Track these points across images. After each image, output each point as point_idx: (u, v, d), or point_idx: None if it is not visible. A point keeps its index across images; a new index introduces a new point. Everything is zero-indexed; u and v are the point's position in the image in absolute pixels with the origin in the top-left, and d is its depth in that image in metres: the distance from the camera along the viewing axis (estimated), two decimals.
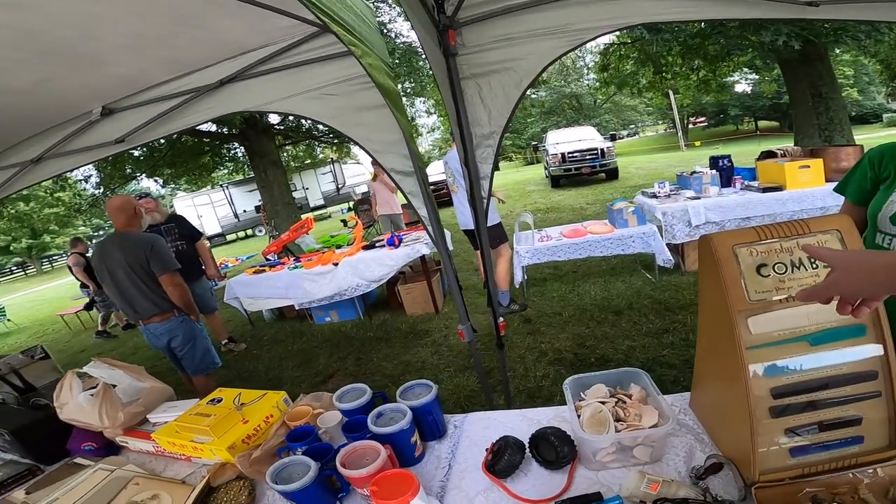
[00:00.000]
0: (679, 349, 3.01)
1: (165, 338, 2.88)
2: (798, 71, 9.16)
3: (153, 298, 2.78)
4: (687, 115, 33.51)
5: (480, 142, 1.66)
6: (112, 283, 2.77)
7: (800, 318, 0.90)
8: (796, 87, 9.43)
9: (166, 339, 2.88)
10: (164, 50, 1.61)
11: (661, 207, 4.31)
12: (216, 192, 20.16)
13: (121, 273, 2.71)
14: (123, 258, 2.69)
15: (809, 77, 9.03)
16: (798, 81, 9.27)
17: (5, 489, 1.40)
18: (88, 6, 1.31)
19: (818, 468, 0.83)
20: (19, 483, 1.42)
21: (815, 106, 9.06)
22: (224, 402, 1.41)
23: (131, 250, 2.69)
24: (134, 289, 2.74)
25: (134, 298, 2.77)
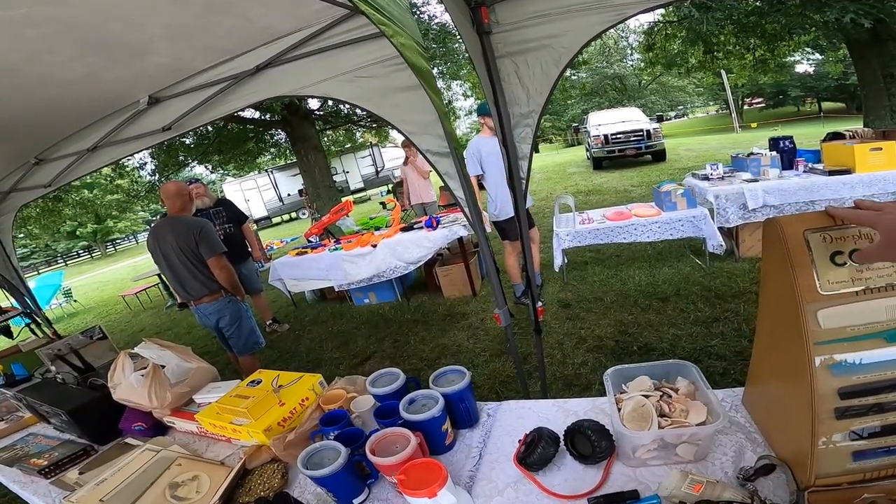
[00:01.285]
0: (730, 339, 2.84)
1: (214, 317, 3.03)
2: (868, 51, 8.39)
3: (202, 280, 2.92)
4: (742, 96, 31.35)
5: (519, 121, 1.59)
6: (166, 265, 2.93)
7: (877, 313, 0.80)
8: (866, 68, 8.65)
9: (215, 318, 3.03)
10: (203, 38, 1.63)
11: (713, 190, 4.05)
12: (262, 177, 20.89)
13: (173, 255, 2.86)
14: (175, 241, 2.82)
15: (881, 57, 8.25)
16: (868, 62, 8.50)
17: (61, 469, 1.45)
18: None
19: (880, 473, 0.75)
20: (74, 463, 1.47)
21: (887, 87, 8.28)
22: (263, 384, 1.44)
23: (182, 234, 2.82)
24: (185, 270, 2.88)
25: (185, 279, 2.91)
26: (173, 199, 2.93)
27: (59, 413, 1.57)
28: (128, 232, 38.32)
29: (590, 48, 22.64)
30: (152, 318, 7.78)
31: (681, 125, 34.15)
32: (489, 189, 3.90)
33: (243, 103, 1.89)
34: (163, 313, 7.85)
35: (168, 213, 3.00)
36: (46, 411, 1.69)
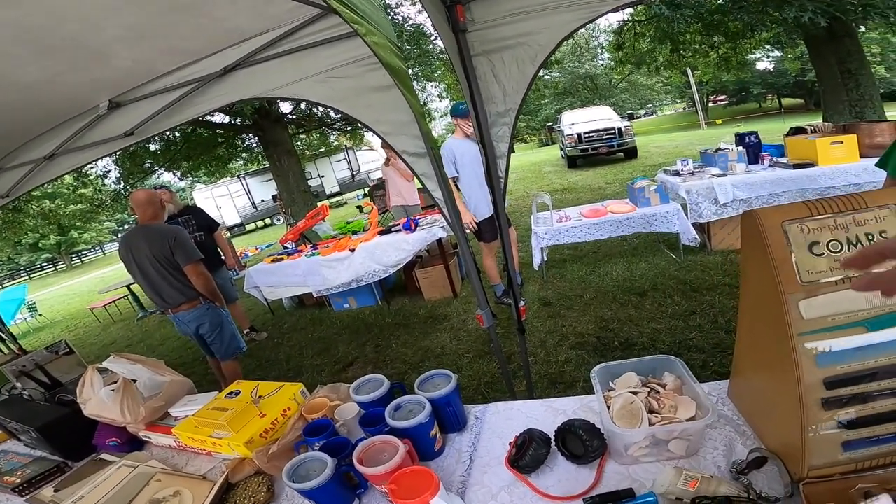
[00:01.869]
0: (707, 332, 2.90)
1: (194, 325, 2.98)
2: (825, 48, 8.78)
3: (179, 288, 2.86)
4: (707, 94, 32.44)
5: (496, 120, 1.58)
6: (140, 275, 2.86)
7: (857, 301, 0.81)
8: (823, 64, 9.05)
9: (195, 325, 2.98)
10: (166, 40, 1.56)
11: (684, 185, 4.15)
12: (234, 183, 20.41)
13: (147, 264, 2.80)
14: (149, 250, 2.77)
15: (837, 54, 8.64)
16: (825, 58, 8.89)
17: (35, 486, 1.40)
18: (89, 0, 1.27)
19: (872, 463, 0.76)
20: (48, 480, 1.43)
21: (844, 82, 8.67)
22: (242, 395, 1.40)
23: (156, 242, 2.77)
24: (160, 279, 2.82)
25: (161, 288, 2.85)
26: (144, 206, 2.88)
27: (27, 430, 1.53)
28: (93, 243, 36.89)
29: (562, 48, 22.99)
30: (123, 331, 7.50)
31: (650, 123, 35.05)
32: (463, 191, 3.88)
33: (211, 107, 1.82)
34: (134, 325, 7.57)
35: (139, 221, 2.93)
36: (15, 428, 1.64)
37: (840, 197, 0.86)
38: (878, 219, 0.83)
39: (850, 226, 0.84)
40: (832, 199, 0.86)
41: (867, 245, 0.83)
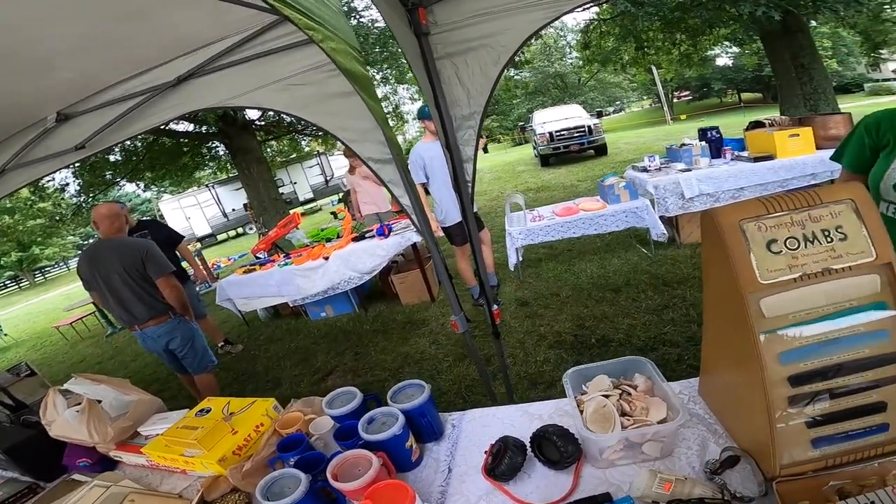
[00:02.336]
0: (680, 325, 2.97)
1: (164, 339, 2.90)
2: (779, 42, 9.14)
3: (150, 302, 2.80)
4: (671, 90, 33.46)
5: (461, 123, 1.57)
6: (107, 290, 2.77)
7: (816, 298, 0.82)
8: (778, 59, 9.41)
9: (164, 340, 2.90)
10: (114, 50, 1.49)
11: (652, 181, 4.24)
12: (202, 193, 19.88)
13: (116, 279, 2.72)
14: (120, 263, 2.70)
15: (791, 48, 9.01)
16: (780, 53, 9.25)
17: None
18: (26, 10, 1.20)
19: (843, 459, 0.77)
20: (20, 501, 1.41)
21: (798, 76, 9.05)
22: (213, 412, 1.37)
23: (127, 255, 2.71)
24: (130, 293, 2.75)
25: (130, 303, 2.77)
26: (108, 220, 2.81)
27: None
28: (57, 258, 35.36)
29: (531, 48, 23.29)
30: (92, 348, 7.22)
31: (619, 120, 35.83)
32: (434, 195, 3.86)
33: (166, 117, 1.75)
34: (103, 342, 7.30)
35: (102, 235, 2.85)
36: None
37: (796, 193, 0.87)
38: (833, 214, 0.84)
39: (807, 222, 0.84)
40: (788, 195, 0.87)
41: (824, 241, 0.85)
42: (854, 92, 24.95)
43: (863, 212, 0.84)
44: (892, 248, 0.82)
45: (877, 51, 12.19)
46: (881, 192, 1.39)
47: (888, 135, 1.34)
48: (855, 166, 1.47)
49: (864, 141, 1.41)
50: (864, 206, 0.84)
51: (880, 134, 1.37)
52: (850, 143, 1.47)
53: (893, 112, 1.38)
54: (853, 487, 0.71)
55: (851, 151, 1.47)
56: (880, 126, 1.37)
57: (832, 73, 22.97)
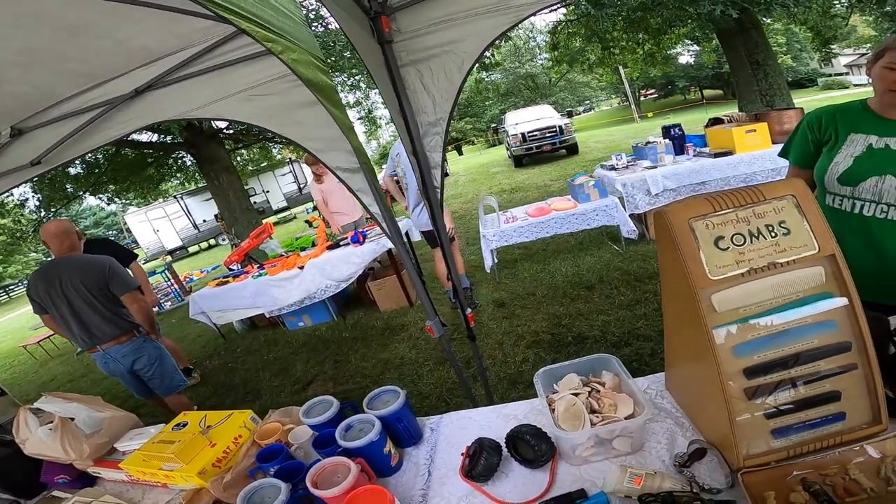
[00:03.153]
0: (653, 320, 3.06)
1: (129, 359, 2.77)
2: (734, 40, 9.47)
3: (114, 320, 2.69)
4: (638, 88, 34.35)
5: (427, 130, 1.59)
6: (67, 310, 2.64)
7: (764, 292, 0.86)
8: (735, 56, 9.75)
9: (130, 360, 2.77)
10: (65, 63, 1.45)
11: (620, 179, 4.36)
12: (171, 204, 19.29)
13: (77, 298, 2.60)
14: (81, 282, 2.59)
15: (746, 45, 9.35)
16: (736, 50, 9.59)
17: None
18: None
19: (803, 449, 0.81)
20: None
21: (754, 73, 9.40)
22: (189, 426, 1.38)
23: (89, 273, 2.61)
24: (93, 312, 2.63)
25: (93, 322, 2.66)
26: (60, 238, 2.69)
27: None
28: (21, 276, 33.71)
29: (502, 49, 23.51)
30: (63, 366, 6.96)
31: (589, 119, 36.57)
32: (409, 198, 3.92)
33: (126, 130, 1.70)
34: (74, 360, 7.03)
35: (55, 254, 2.72)
36: None
37: (739, 190, 0.91)
38: (776, 210, 0.89)
39: (752, 218, 0.89)
40: (733, 193, 0.91)
41: (769, 236, 0.90)
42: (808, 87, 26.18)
43: (804, 206, 0.88)
44: (834, 240, 0.87)
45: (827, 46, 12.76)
46: (826, 186, 1.47)
47: (829, 130, 1.43)
48: (801, 162, 1.55)
49: (808, 137, 1.49)
50: (804, 201, 0.89)
51: (822, 130, 1.45)
52: (795, 140, 1.56)
53: (833, 108, 1.47)
54: (816, 476, 0.74)
55: (797, 148, 1.55)
56: (822, 122, 1.45)
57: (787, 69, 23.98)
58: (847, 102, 1.47)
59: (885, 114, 1.34)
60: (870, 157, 1.34)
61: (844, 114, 1.42)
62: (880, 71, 1.28)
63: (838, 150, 1.41)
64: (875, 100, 1.37)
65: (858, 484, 0.73)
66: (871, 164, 1.33)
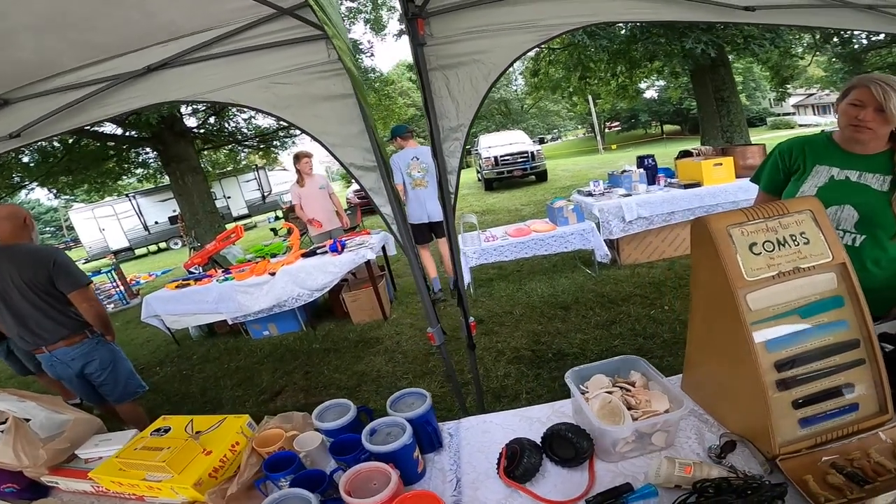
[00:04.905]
0: (629, 339, 3.15)
1: (79, 363, 2.48)
2: (704, 77, 10.05)
3: (60, 319, 2.39)
4: (603, 120, 35.99)
5: (448, 135, 1.60)
6: (3, 306, 2.33)
7: (790, 293, 0.94)
8: (703, 92, 10.35)
9: (80, 364, 2.48)
10: (82, 31, 1.34)
11: (597, 204, 4.52)
12: (122, 203, 18.20)
13: (15, 293, 2.29)
14: (19, 275, 2.27)
15: (714, 82, 9.97)
16: (704, 86, 10.20)
17: None
18: None
19: (827, 437, 0.86)
20: None
21: (718, 109, 10.04)
22: (173, 431, 1.24)
23: (28, 266, 2.28)
24: (34, 310, 2.33)
25: (35, 321, 2.35)
26: (8, 223, 2.34)
27: None
28: None
29: None
30: None
31: (556, 147, 37.95)
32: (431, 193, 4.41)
33: (124, 108, 1.60)
34: None
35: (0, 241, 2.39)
36: None
37: (767, 205, 0.99)
38: (797, 222, 0.98)
39: (778, 228, 0.97)
40: (761, 206, 0.99)
41: (792, 244, 0.98)
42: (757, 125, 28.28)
43: (819, 220, 0.98)
44: (844, 250, 0.97)
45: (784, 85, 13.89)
46: None
47: (799, 160, 1.56)
48: (770, 188, 1.67)
49: (779, 165, 1.61)
50: (819, 216, 0.98)
51: (792, 159, 1.58)
52: (767, 168, 1.67)
53: (804, 139, 1.60)
54: (844, 462, 0.79)
55: (767, 175, 1.67)
56: (792, 152, 1.58)
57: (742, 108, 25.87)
58: (815, 135, 1.61)
59: (848, 147, 1.47)
60: (832, 188, 1.47)
61: (812, 146, 1.54)
62: (845, 107, 1.40)
63: (804, 180, 1.53)
64: (839, 134, 1.50)
65: (883, 466, 0.78)
66: (833, 194, 1.46)
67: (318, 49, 1.45)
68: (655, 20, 1.65)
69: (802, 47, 11.12)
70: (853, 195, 1.43)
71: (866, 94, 1.34)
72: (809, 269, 0.94)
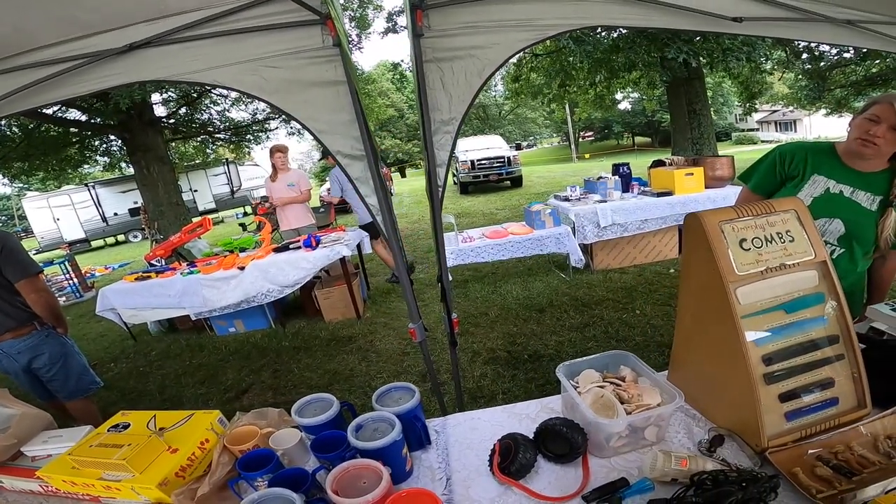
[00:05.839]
0: (602, 342, 3.20)
1: (25, 357, 2.32)
2: (679, 89, 10.30)
3: (7, 309, 2.23)
4: (578, 130, 36.71)
5: (439, 128, 1.57)
6: None
7: (776, 288, 0.96)
8: (677, 104, 10.58)
9: (27, 358, 2.32)
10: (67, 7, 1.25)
11: (573, 209, 4.59)
12: (79, 192, 17.28)
13: None
14: None
15: (688, 94, 10.23)
16: (678, 98, 10.44)
17: None
18: None
19: (811, 430, 0.88)
20: None
21: (690, 122, 10.33)
22: (134, 427, 1.17)
23: None
24: None
25: None
26: None
27: None
28: None
29: None
30: None
31: (532, 154, 38.49)
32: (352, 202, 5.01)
33: (99, 86, 1.48)
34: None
35: None
36: None
37: (755, 203, 1.02)
38: (783, 221, 1.01)
39: (766, 226, 1.00)
40: (749, 205, 1.01)
41: (779, 242, 1.00)
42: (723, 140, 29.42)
43: (803, 219, 1.02)
44: (825, 249, 1.00)
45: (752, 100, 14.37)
46: None
47: (799, 166, 1.54)
48: (760, 188, 1.65)
49: (776, 168, 1.59)
50: (803, 215, 1.02)
51: (793, 164, 1.56)
52: (762, 167, 1.65)
53: (806, 146, 1.58)
54: (828, 454, 0.81)
55: (761, 174, 1.64)
56: (794, 157, 1.56)
57: None
58: (819, 143, 1.60)
59: (848, 161, 1.47)
60: (826, 199, 1.48)
61: (814, 154, 1.53)
62: (861, 121, 1.39)
63: (802, 187, 1.53)
64: (843, 146, 1.49)
65: (867, 458, 0.80)
66: (826, 206, 1.48)
67: (312, 34, 1.40)
68: (647, 27, 1.68)
69: (772, 62, 11.56)
70: (844, 210, 1.45)
71: (888, 110, 1.32)
72: (794, 266, 0.97)
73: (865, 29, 1.78)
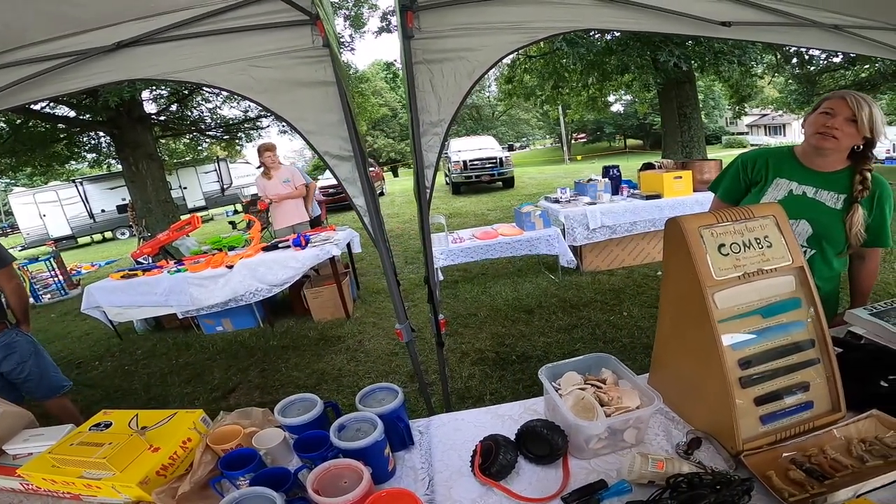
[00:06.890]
0: (589, 343, 3.23)
1: None
2: (671, 92, 10.35)
3: None
4: (571, 131, 36.81)
5: (427, 129, 1.57)
6: None
7: (752, 294, 0.98)
8: (668, 108, 10.62)
9: None
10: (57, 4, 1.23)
11: (563, 211, 4.62)
12: (67, 189, 17.01)
13: None
14: None
15: (679, 98, 10.28)
16: (670, 101, 10.48)
17: None
18: None
19: (786, 433, 0.90)
20: None
21: (680, 125, 10.39)
22: (116, 426, 1.16)
23: None
24: None
25: None
26: None
27: None
28: None
29: None
30: None
31: (524, 155, 38.58)
32: None
33: (86, 84, 1.46)
34: None
35: None
36: None
37: (734, 209, 1.04)
38: (762, 226, 1.03)
39: (744, 231, 1.01)
40: (728, 210, 1.03)
41: (757, 247, 1.02)
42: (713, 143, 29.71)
43: (781, 225, 1.03)
44: (802, 254, 1.02)
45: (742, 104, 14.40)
46: None
47: (762, 172, 1.57)
48: (728, 197, 1.68)
49: (740, 175, 1.63)
50: (781, 221, 1.04)
51: (755, 170, 1.59)
52: (727, 176, 1.68)
53: (766, 152, 1.61)
54: (801, 458, 0.82)
55: (727, 183, 1.67)
56: (756, 163, 1.59)
57: None
58: (778, 147, 1.63)
59: (807, 162, 1.50)
60: (790, 202, 1.50)
61: (775, 158, 1.56)
62: (815, 117, 1.42)
63: (765, 191, 1.56)
64: (800, 147, 1.52)
65: (839, 462, 0.81)
66: (790, 208, 1.48)
67: (302, 34, 1.40)
68: (637, 30, 1.69)
69: (762, 66, 11.64)
70: (809, 210, 1.48)
71: (840, 103, 1.35)
72: (771, 272, 0.99)
73: (851, 34, 1.81)
